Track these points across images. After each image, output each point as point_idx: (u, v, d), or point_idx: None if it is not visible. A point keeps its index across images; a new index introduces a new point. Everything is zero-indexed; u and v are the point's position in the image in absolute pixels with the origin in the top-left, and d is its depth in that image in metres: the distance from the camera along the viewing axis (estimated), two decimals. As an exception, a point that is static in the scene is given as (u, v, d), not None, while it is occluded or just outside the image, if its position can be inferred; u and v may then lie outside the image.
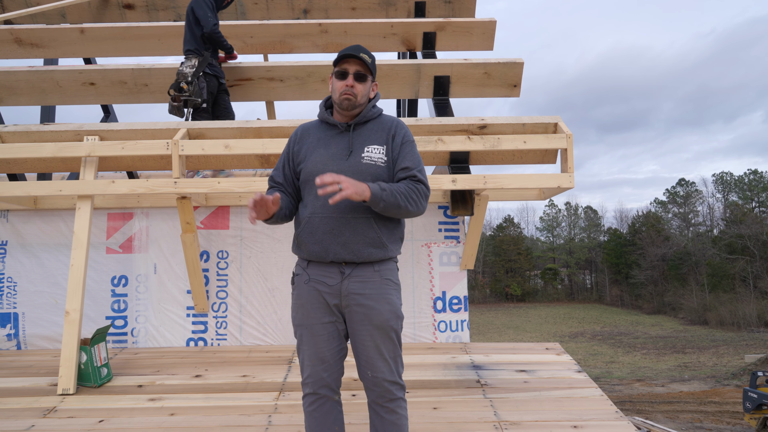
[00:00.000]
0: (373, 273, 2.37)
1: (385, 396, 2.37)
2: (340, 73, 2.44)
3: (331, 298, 2.37)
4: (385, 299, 2.37)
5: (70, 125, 4.38)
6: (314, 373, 2.39)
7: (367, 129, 2.48)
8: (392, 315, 2.38)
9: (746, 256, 57.37)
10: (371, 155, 2.40)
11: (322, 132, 2.52)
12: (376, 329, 2.34)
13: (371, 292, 2.35)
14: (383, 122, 2.52)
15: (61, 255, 4.92)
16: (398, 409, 2.39)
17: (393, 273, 2.46)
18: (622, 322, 54.15)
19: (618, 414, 3.35)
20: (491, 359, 4.30)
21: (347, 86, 2.41)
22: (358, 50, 2.43)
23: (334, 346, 2.40)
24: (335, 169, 2.37)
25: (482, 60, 5.10)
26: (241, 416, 3.34)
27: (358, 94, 2.43)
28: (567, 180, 4.06)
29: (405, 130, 2.52)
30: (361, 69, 2.43)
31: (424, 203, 2.39)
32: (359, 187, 2.18)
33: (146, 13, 6.63)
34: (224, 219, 4.98)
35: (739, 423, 21.68)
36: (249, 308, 4.86)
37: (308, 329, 2.40)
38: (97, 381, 3.82)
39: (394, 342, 2.40)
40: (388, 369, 2.36)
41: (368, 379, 2.39)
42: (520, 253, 70.87)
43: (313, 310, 2.39)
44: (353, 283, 2.35)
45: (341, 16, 6.57)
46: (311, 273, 2.41)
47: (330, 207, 2.32)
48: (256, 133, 4.29)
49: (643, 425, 17.42)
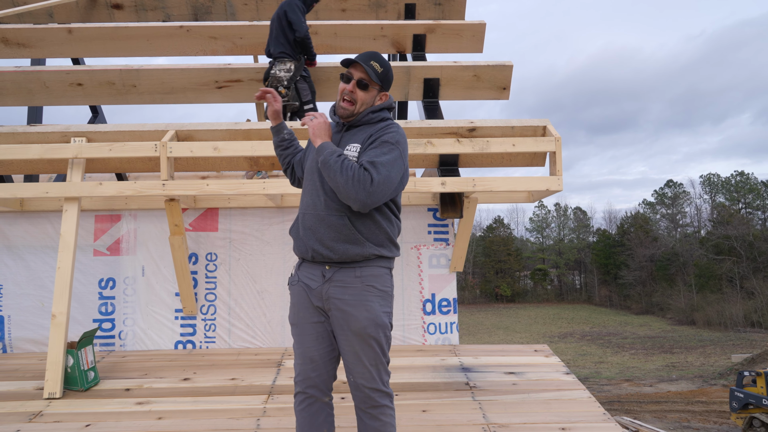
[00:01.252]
0: (354, 279, 2.33)
1: (366, 402, 2.35)
2: (344, 75, 2.45)
3: (316, 300, 2.39)
4: (364, 306, 2.31)
5: (57, 126, 4.34)
6: (302, 372, 2.43)
7: (360, 130, 2.44)
8: (370, 323, 2.30)
9: (733, 257, 57.94)
10: (348, 153, 2.36)
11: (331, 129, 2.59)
12: (353, 335, 2.31)
13: (350, 298, 2.31)
14: (378, 126, 2.42)
15: (48, 257, 4.88)
16: (381, 416, 2.35)
17: (377, 280, 2.36)
18: (611, 322, 54.48)
19: (605, 416, 3.37)
20: (480, 361, 4.31)
21: (347, 90, 2.41)
22: (365, 58, 2.39)
23: (323, 347, 2.41)
24: (314, 163, 2.44)
25: (471, 62, 5.12)
26: (230, 419, 3.33)
27: (357, 100, 2.40)
28: (555, 183, 4.08)
29: (390, 133, 2.36)
30: (365, 77, 2.39)
31: (357, 186, 2.18)
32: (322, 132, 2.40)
33: (135, 14, 6.59)
34: (213, 221, 4.96)
35: (725, 422, 21.90)
36: (238, 311, 4.84)
37: (298, 328, 2.45)
38: (83, 385, 3.79)
39: (375, 350, 2.33)
40: (368, 376, 2.33)
41: (351, 383, 2.39)
42: (510, 253, 71.08)
43: (302, 309, 2.43)
44: (333, 287, 2.34)
45: (331, 18, 6.56)
46: (300, 274, 2.46)
47: (311, 205, 2.39)
48: (245, 135, 4.28)
49: (631, 425, 17.55)
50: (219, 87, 5.25)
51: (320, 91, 5.29)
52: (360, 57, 2.40)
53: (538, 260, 74.27)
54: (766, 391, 19.40)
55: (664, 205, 71.16)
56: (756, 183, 66.51)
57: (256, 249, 4.93)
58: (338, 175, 2.21)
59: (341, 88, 2.43)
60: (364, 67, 2.38)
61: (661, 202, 71.36)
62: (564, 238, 77.47)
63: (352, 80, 2.41)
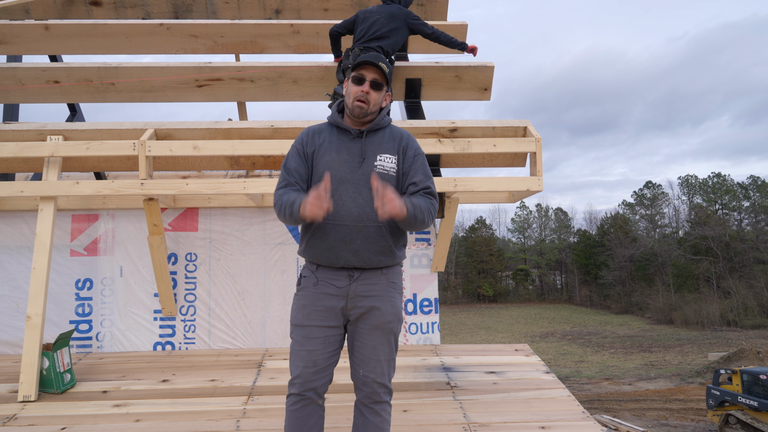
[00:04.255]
0: (380, 276, 2.43)
1: (371, 397, 2.41)
2: (357, 78, 2.43)
3: (337, 301, 2.39)
4: (390, 301, 2.43)
5: (33, 124, 4.26)
6: (303, 375, 2.39)
7: (379, 137, 2.48)
8: (395, 317, 2.43)
9: (710, 257, 58.97)
10: (384, 164, 2.42)
11: (333, 136, 2.50)
12: (376, 330, 2.39)
13: (377, 294, 2.40)
14: (394, 132, 2.53)
15: (23, 257, 4.79)
16: (382, 412, 2.43)
17: (399, 277, 2.52)
18: (591, 322, 55.08)
19: (584, 414, 3.40)
20: (461, 361, 4.33)
21: (362, 92, 2.40)
22: (378, 58, 2.43)
23: (329, 351, 2.41)
24: (348, 176, 2.38)
25: (453, 63, 5.13)
26: (209, 421, 3.30)
27: (371, 101, 2.42)
28: (536, 183, 4.11)
29: (416, 143, 2.56)
30: (378, 77, 2.43)
31: (433, 217, 2.45)
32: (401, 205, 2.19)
33: (114, 11, 6.49)
34: (193, 221, 4.91)
35: (702, 420, 22.26)
36: (218, 311, 4.80)
37: (305, 330, 2.40)
38: (59, 387, 3.72)
39: (391, 345, 2.45)
40: (379, 370, 2.41)
41: (359, 378, 2.42)
42: (492, 254, 71.52)
43: (315, 312, 2.40)
44: (361, 285, 2.39)
45: (313, 17, 6.53)
46: (320, 276, 2.42)
47: (341, 213, 2.35)
48: (225, 134, 4.25)
49: (610, 423, 17.75)
50: (199, 86, 5.20)
51: (300, 90, 5.27)
52: (369, 57, 2.42)
53: (520, 260, 74.84)
54: (742, 388, 19.76)
55: (644, 206, 72.19)
56: (732, 184, 67.81)
57: (236, 249, 4.89)
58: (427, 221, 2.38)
59: (354, 90, 2.42)
60: (376, 67, 2.41)
61: (641, 203, 72.38)
62: (545, 238, 78.17)
63: (365, 81, 2.41)
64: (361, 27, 4.81)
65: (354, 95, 2.42)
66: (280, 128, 4.22)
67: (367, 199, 2.36)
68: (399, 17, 4.82)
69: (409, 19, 4.86)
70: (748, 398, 19.34)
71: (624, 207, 74.72)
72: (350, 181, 2.38)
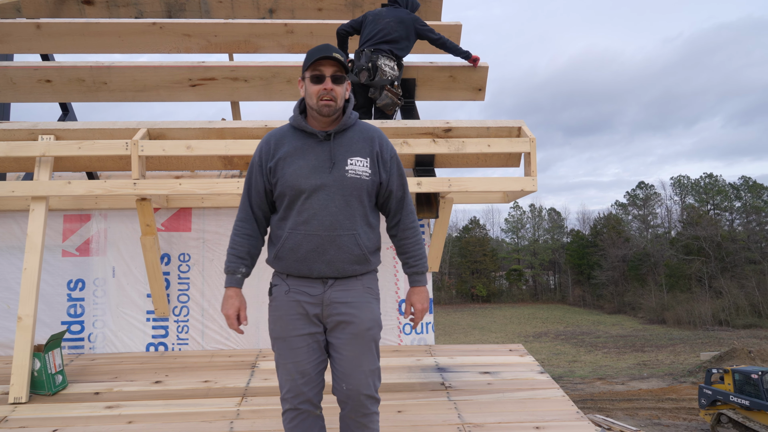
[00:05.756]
0: (355, 282, 2.33)
1: (359, 410, 2.30)
2: (315, 77, 2.25)
3: (312, 308, 2.28)
4: (368, 307, 2.32)
5: (24, 123, 4.23)
6: (294, 388, 2.28)
7: (348, 138, 2.34)
8: (374, 323, 2.32)
9: (702, 257, 59.31)
10: (355, 168, 2.28)
11: (298, 140, 2.34)
12: (355, 338, 2.27)
13: (354, 300, 2.29)
14: (363, 130, 2.39)
15: (14, 258, 4.75)
16: (370, 423, 2.33)
17: (374, 282, 2.42)
18: (585, 321, 55.27)
19: (578, 414, 3.40)
20: (456, 361, 4.32)
21: (325, 89, 2.23)
22: (330, 50, 2.24)
23: (315, 359, 2.30)
24: (318, 182, 2.24)
25: (447, 63, 5.14)
26: (202, 423, 3.28)
27: (337, 97, 2.26)
28: (530, 183, 4.11)
29: (389, 143, 2.45)
30: (337, 70, 2.26)
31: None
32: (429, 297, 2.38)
33: (106, 9, 6.45)
34: (186, 221, 4.89)
35: (694, 419, 22.38)
36: (211, 312, 4.77)
37: (287, 342, 2.29)
38: (51, 389, 3.69)
39: (374, 354, 2.33)
40: (365, 382, 2.28)
41: (342, 392, 2.29)
42: (486, 254, 71.67)
43: (292, 321, 2.29)
44: (336, 291, 2.29)
45: (307, 17, 6.51)
46: (291, 284, 2.32)
47: (314, 224, 2.24)
48: (218, 133, 4.22)
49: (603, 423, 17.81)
50: (193, 85, 5.18)
51: (294, 90, 5.25)
52: (322, 51, 2.24)
53: (514, 261, 75.04)
54: (734, 387, 19.88)
55: (636, 206, 72.53)
56: (724, 185, 68.23)
57: (230, 249, 4.86)
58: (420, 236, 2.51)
59: (315, 90, 2.25)
60: (333, 60, 2.24)
61: (633, 204, 72.71)
62: (539, 238, 78.39)
63: (325, 78, 2.24)
64: (370, 28, 4.80)
65: (317, 95, 2.24)
66: (274, 128, 4.19)
67: (340, 207, 2.25)
68: (408, 23, 4.84)
69: (417, 25, 4.89)
70: (739, 397, 19.45)
71: (617, 207, 75.10)
72: (321, 188, 2.25)
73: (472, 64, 5.02)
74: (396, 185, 2.42)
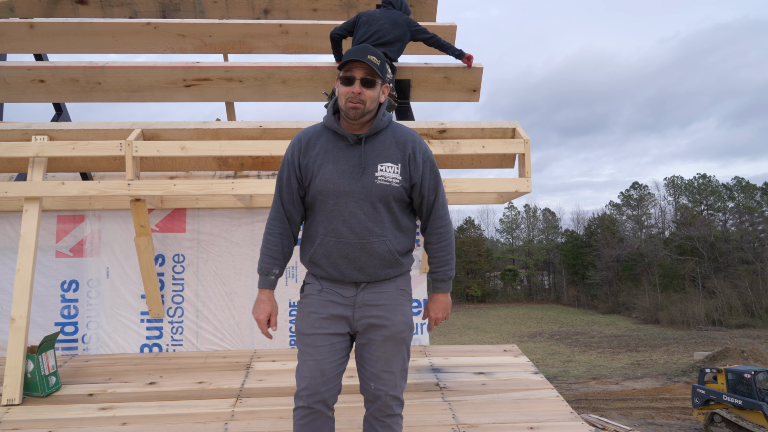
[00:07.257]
0: (389, 284, 2.33)
1: (384, 411, 2.31)
2: (345, 78, 2.23)
3: (344, 309, 2.29)
4: (400, 310, 2.32)
5: (18, 124, 4.21)
6: (311, 386, 2.26)
7: (380, 142, 2.30)
8: (406, 327, 2.33)
9: (695, 257, 59.61)
10: (385, 175, 2.25)
11: (330, 142, 2.32)
12: (388, 341, 2.29)
13: (386, 303, 2.30)
14: (397, 134, 2.34)
15: (7, 259, 4.73)
16: (394, 425, 2.34)
17: (407, 283, 2.42)
18: (579, 321, 55.44)
19: (572, 414, 3.42)
20: (450, 362, 4.33)
21: (353, 93, 2.21)
22: (365, 53, 2.20)
23: (336, 359, 2.29)
24: (347, 188, 2.24)
25: (442, 64, 5.14)
26: (197, 424, 3.27)
27: (366, 100, 2.22)
28: (524, 184, 4.13)
29: (424, 145, 2.38)
30: (368, 74, 2.22)
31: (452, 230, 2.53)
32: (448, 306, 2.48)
33: (100, 9, 6.43)
34: (180, 222, 4.88)
35: (688, 418, 22.47)
36: (206, 313, 4.77)
37: (311, 339, 2.29)
38: (44, 390, 3.67)
39: (404, 356, 2.34)
40: (393, 383, 2.30)
41: (370, 392, 2.31)
42: (481, 254, 71.82)
43: (319, 319, 2.29)
44: (369, 294, 2.30)
45: (302, 17, 6.51)
46: (325, 285, 2.33)
47: (343, 230, 2.24)
48: (213, 134, 4.22)
49: (598, 422, 17.87)
50: (187, 85, 5.16)
51: (289, 90, 5.25)
52: (355, 54, 2.21)
53: (508, 261, 75.20)
54: (727, 387, 19.97)
55: (630, 207, 72.81)
56: (717, 185, 68.60)
57: (224, 250, 4.86)
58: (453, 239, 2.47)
59: (344, 92, 2.23)
60: (364, 63, 2.21)
61: (627, 204, 72.99)
62: (533, 239, 78.60)
63: (355, 81, 2.21)
64: (364, 30, 4.78)
65: (345, 96, 2.22)
66: (269, 129, 4.19)
67: (369, 213, 2.24)
68: (401, 24, 4.84)
69: (411, 27, 4.88)
70: (733, 397, 19.53)
71: (611, 208, 75.36)
72: (350, 194, 2.24)
73: (466, 63, 5.02)
74: (428, 190, 2.37)
